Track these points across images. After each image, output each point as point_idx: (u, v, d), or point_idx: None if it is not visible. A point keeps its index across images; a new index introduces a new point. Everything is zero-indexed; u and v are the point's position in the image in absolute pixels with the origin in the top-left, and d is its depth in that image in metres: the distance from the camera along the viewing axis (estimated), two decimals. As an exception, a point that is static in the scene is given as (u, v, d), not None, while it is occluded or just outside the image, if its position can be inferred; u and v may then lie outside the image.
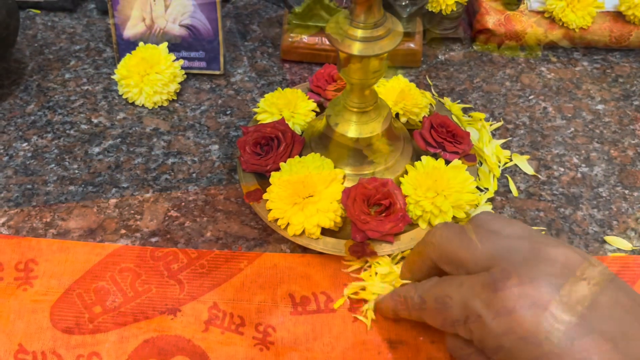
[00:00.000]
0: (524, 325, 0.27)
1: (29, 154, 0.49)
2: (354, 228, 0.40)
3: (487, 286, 0.29)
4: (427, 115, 0.47)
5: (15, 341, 0.37)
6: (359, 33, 0.36)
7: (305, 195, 0.40)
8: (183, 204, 0.45)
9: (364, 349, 0.37)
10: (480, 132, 0.49)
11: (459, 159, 0.44)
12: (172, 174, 0.47)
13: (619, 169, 0.48)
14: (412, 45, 0.54)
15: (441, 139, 0.43)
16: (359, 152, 0.42)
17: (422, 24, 0.55)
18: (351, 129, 0.41)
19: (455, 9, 0.55)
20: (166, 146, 0.49)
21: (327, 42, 0.52)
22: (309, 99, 0.48)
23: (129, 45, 0.54)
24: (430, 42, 0.59)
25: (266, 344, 0.37)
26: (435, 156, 0.44)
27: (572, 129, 0.51)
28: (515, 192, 0.46)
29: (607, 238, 0.43)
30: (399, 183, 0.42)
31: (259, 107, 0.48)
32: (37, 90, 0.54)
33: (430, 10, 0.55)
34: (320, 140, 0.43)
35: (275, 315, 0.39)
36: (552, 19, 0.57)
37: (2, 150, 0.49)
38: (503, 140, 0.50)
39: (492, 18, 0.57)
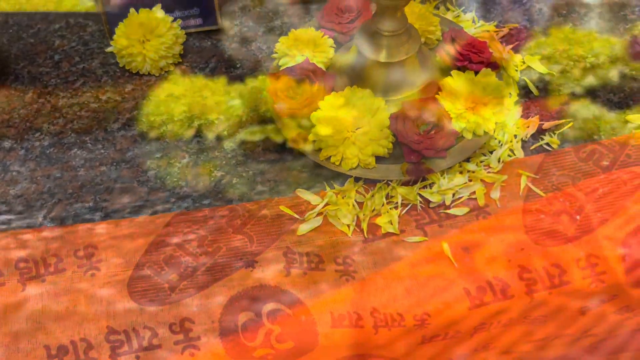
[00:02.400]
0: None
1: (46, 143, 0.46)
2: (407, 150, 0.41)
3: None
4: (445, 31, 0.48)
5: (102, 324, 0.37)
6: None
7: (355, 128, 0.40)
8: (224, 162, 0.45)
9: (440, 258, 0.39)
10: (490, 41, 0.50)
11: (485, 67, 0.45)
12: (202, 135, 0.46)
13: (622, 55, 0.50)
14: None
15: (466, 51, 0.45)
16: (395, 76, 0.42)
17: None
18: (384, 54, 0.42)
19: None
20: (187, 110, 0.48)
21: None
22: (322, 36, 0.47)
23: (119, 15, 0.51)
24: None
25: (350, 273, 0.39)
26: (461, 69, 0.45)
27: (570, 25, 0.53)
28: (535, 92, 0.48)
29: (628, 117, 0.46)
30: (435, 101, 0.43)
31: (277, 53, 0.47)
32: (30, 78, 0.51)
33: None
34: (352, 72, 0.43)
35: (348, 246, 0.40)
36: None
37: (15, 145, 0.46)
38: (511, 46, 0.51)
39: None
